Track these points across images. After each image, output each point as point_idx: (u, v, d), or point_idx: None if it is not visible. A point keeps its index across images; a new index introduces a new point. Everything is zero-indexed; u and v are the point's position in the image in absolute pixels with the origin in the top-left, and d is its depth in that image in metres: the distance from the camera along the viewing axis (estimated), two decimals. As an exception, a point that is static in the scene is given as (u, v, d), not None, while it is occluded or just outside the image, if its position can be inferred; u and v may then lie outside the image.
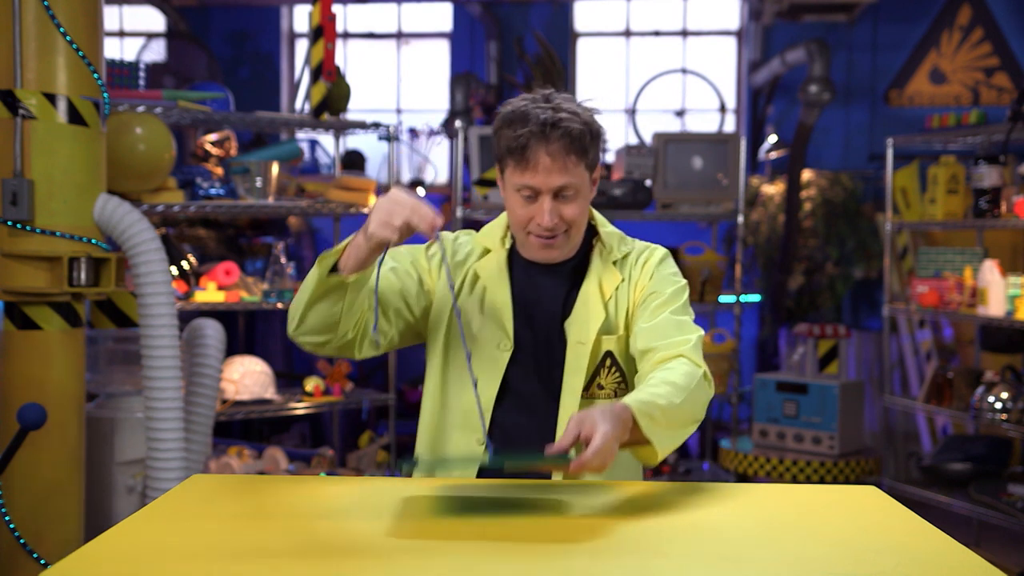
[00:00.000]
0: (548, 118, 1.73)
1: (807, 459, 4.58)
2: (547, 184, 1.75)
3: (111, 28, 7.05)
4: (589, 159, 1.79)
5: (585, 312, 1.86)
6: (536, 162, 1.74)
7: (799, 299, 6.43)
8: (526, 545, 1.34)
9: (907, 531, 1.45)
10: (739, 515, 1.52)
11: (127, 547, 1.33)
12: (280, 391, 4.20)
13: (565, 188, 1.77)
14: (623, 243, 1.94)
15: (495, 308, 1.87)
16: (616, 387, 1.88)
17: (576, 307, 1.87)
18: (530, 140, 1.73)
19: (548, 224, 1.77)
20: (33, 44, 2.74)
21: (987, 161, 4.14)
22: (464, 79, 6.43)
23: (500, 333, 1.86)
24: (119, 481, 3.28)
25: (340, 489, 1.64)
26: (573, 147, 1.75)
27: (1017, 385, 4.12)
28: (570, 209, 1.79)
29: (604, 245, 1.92)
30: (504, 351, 1.86)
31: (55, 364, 2.83)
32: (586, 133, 1.77)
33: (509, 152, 1.76)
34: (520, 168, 1.76)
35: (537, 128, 1.73)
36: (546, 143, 1.73)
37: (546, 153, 1.73)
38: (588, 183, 1.82)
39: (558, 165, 1.74)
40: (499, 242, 1.93)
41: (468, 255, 1.94)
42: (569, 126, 1.74)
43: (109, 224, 2.89)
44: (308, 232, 6.05)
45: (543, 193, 1.76)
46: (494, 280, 1.89)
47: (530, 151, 1.73)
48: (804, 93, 5.98)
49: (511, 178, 1.79)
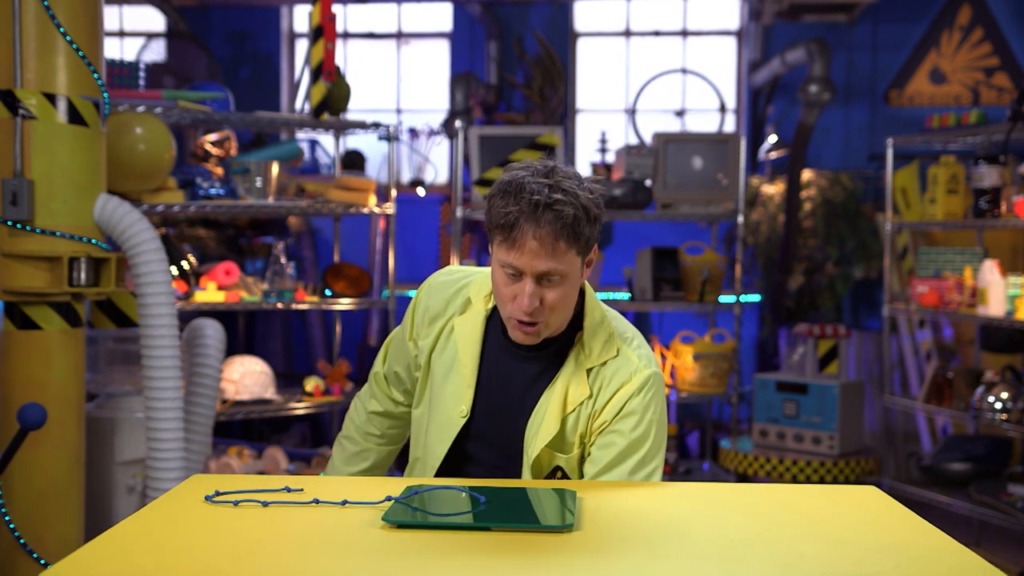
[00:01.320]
0: (542, 199, 1.61)
1: (807, 459, 4.58)
2: (531, 267, 1.65)
3: (111, 28, 7.05)
4: (581, 244, 1.67)
5: (540, 424, 1.78)
6: (523, 243, 1.63)
7: (799, 299, 6.43)
8: (526, 544, 1.34)
9: (907, 531, 1.45)
10: (739, 515, 1.51)
11: (127, 547, 1.33)
12: (280, 391, 4.20)
13: (550, 273, 1.66)
14: (607, 347, 1.79)
15: (459, 374, 1.84)
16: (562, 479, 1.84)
17: (536, 412, 1.79)
18: (519, 219, 1.62)
19: (527, 308, 1.67)
20: (33, 44, 2.74)
21: (987, 161, 4.14)
22: (464, 79, 6.43)
23: (458, 400, 1.83)
24: (119, 481, 3.28)
25: (339, 488, 1.64)
26: (564, 232, 1.63)
27: (1017, 385, 4.12)
28: (553, 295, 1.68)
29: (584, 347, 1.79)
30: (461, 417, 1.83)
31: (55, 364, 2.83)
32: (581, 218, 1.64)
33: (498, 227, 1.66)
34: (506, 245, 1.65)
35: (528, 208, 1.61)
36: (535, 225, 1.62)
37: (533, 237, 1.62)
38: (578, 269, 1.70)
39: (545, 250, 1.63)
40: (483, 299, 1.85)
41: (448, 305, 1.88)
42: (562, 210, 1.62)
43: (109, 224, 2.89)
44: (308, 232, 6.05)
45: (526, 275, 1.66)
46: (466, 342, 1.83)
47: (518, 231, 1.63)
48: (804, 93, 5.98)
49: (497, 251, 1.69)
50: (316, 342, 6.01)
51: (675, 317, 6.26)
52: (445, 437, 1.84)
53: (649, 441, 1.77)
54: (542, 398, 1.79)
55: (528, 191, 1.62)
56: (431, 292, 1.92)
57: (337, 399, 4.15)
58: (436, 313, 1.89)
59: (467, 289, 1.89)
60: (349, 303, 4.17)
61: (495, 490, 1.59)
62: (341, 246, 4.69)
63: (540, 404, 1.79)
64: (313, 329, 6.03)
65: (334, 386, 4.16)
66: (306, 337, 6.13)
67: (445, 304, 1.88)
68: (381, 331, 6.10)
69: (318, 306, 4.10)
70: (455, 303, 1.88)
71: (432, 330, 1.88)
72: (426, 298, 1.92)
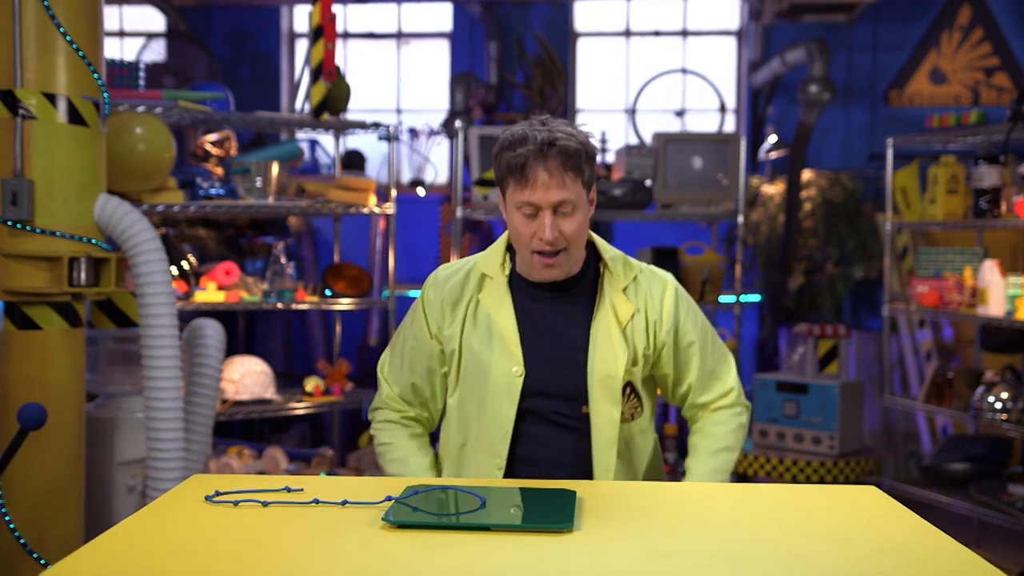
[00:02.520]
0: (545, 138, 1.82)
1: (807, 459, 4.58)
2: (546, 199, 1.83)
3: (111, 28, 7.05)
4: (585, 177, 1.88)
5: (608, 345, 1.93)
6: (535, 179, 1.83)
7: (799, 299, 6.42)
8: (526, 544, 1.34)
9: (907, 531, 1.45)
10: (739, 515, 1.51)
11: (127, 547, 1.33)
12: (280, 391, 4.20)
13: (563, 203, 1.85)
14: (628, 268, 2.01)
15: (501, 334, 1.94)
16: (633, 412, 1.98)
17: (598, 339, 1.94)
18: (529, 159, 1.82)
19: (549, 237, 1.84)
20: (33, 44, 2.74)
21: (987, 161, 4.14)
22: (464, 79, 6.43)
23: (509, 360, 1.93)
24: (119, 481, 3.28)
25: (339, 488, 1.64)
26: (569, 164, 1.84)
27: (1017, 385, 4.12)
28: (569, 225, 1.86)
29: (611, 272, 1.98)
30: (517, 376, 1.92)
31: (55, 364, 2.83)
32: (582, 152, 1.86)
33: (509, 171, 1.85)
34: (520, 186, 1.84)
35: (535, 147, 1.82)
36: (544, 160, 1.82)
37: (544, 170, 1.82)
38: (585, 201, 1.89)
39: (556, 181, 1.83)
40: (499, 268, 1.99)
41: (464, 287, 2.00)
42: (565, 144, 1.83)
43: (109, 224, 2.89)
44: (308, 232, 6.05)
45: (543, 209, 1.84)
46: (497, 306, 1.96)
47: (529, 169, 1.83)
48: (804, 93, 5.98)
49: (512, 197, 1.87)
50: (316, 342, 6.01)
51: (675, 317, 6.23)
52: (509, 402, 1.93)
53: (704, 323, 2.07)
54: (593, 325, 1.95)
55: (532, 136, 1.84)
56: (438, 286, 2.02)
57: (337, 399, 4.15)
58: (455, 299, 1.99)
59: (475, 270, 2.01)
60: (349, 303, 4.17)
61: (495, 490, 1.59)
62: (341, 246, 4.69)
63: (594, 331, 1.94)
64: (313, 329, 6.03)
65: (334, 386, 4.16)
66: (306, 337, 6.13)
67: (460, 289, 1.99)
68: (381, 331, 6.10)
69: (318, 306, 4.10)
70: (470, 284, 2.00)
71: (456, 316, 1.98)
72: (435, 293, 2.01)
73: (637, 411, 2.00)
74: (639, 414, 2.00)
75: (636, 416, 2.00)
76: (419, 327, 2.03)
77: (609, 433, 1.94)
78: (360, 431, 5.04)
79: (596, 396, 1.93)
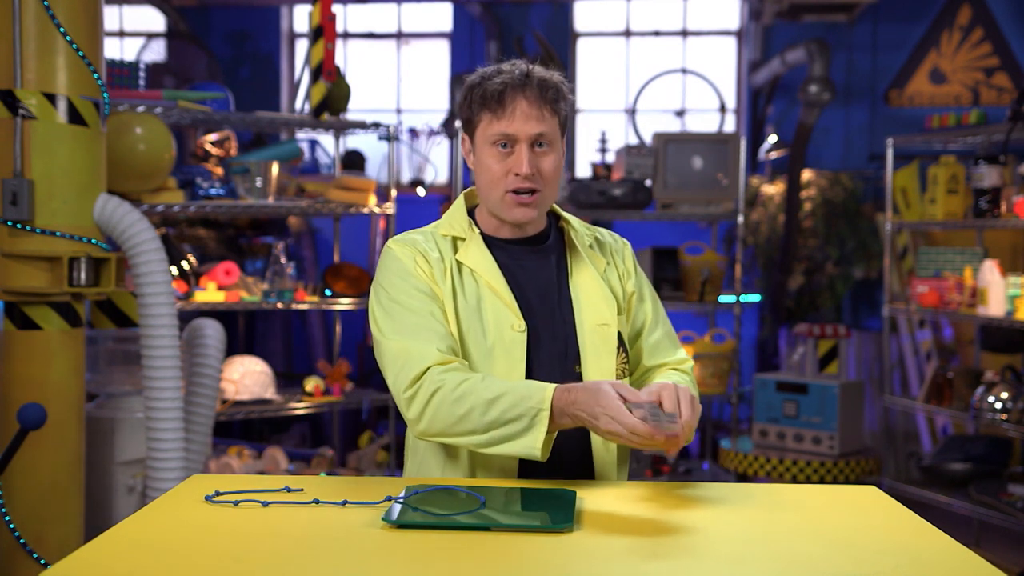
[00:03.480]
0: (523, 70, 1.77)
1: (807, 459, 4.58)
2: (525, 131, 1.76)
3: (111, 28, 7.05)
4: (561, 117, 1.81)
5: (596, 293, 1.85)
6: (514, 108, 1.75)
7: (799, 299, 6.43)
8: (526, 544, 1.34)
9: (907, 531, 1.45)
10: (739, 515, 1.51)
11: (127, 547, 1.33)
12: (280, 391, 4.20)
13: (542, 137, 1.77)
14: (587, 228, 1.97)
15: (493, 291, 1.79)
16: (623, 368, 1.86)
17: (582, 289, 1.85)
18: (507, 88, 1.75)
19: (527, 170, 1.75)
20: (33, 44, 2.74)
21: (987, 161, 4.14)
22: (464, 79, 6.43)
23: (509, 314, 1.78)
24: (119, 481, 3.28)
25: (339, 488, 1.63)
26: (549, 96, 1.77)
27: (1017, 385, 4.12)
28: (546, 162, 1.78)
29: (575, 229, 1.91)
30: (519, 332, 1.77)
31: (55, 364, 2.83)
32: (562, 89, 1.80)
33: (484, 102, 1.77)
34: (497, 117, 1.76)
35: (514, 77, 1.76)
36: (523, 90, 1.76)
37: (523, 97, 1.76)
38: (560, 143, 1.82)
39: (535, 112, 1.76)
40: (468, 228, 1.85)
41: (439, 251, 1.82)
42: (547, 78, 1.78)
43: (109, 224, 2.89)
44: (308, 232, 6.05)
45: (520, 141, 1.76)
46: (481, 264, 1.81)
47: (507, 97, 1.75)
48: (804, 93, 5.98)
49: (487, 130, 1.78)
50: (316, 342, 6.01)
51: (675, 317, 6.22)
52: (515, 360, 1.76)
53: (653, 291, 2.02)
54: (574, 278, 1.87)
55: (509, 69, 1.78)
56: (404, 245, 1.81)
57: (337, 399, 4.15)
58: (431, 259, 1.80)
59: (437, 235, 1.84)
60: (349, 303, 4.17)
61: (495, 490, 1.59)
62: (341, 246, 4.69)
63: (575, 283, 1.87)
64: (313, 329, 6.03)
65: (334, 386, 4.16)
66: (306, 337, 6.13)
67: (437, 252, 1.81)
68: (381, 331, 6.09)
69: (318, 306, 4.10)
70: (443, 247, 1.82)
71: (441, 274, 1.79)
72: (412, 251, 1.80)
73: (625, 368, 1.87)
74: (626, 372, 1.88)
75: (626, 373, 1.87)
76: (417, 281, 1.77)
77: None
78: (360, 431, 5.04)
79: (589, 349, 1.81)
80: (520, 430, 1.62)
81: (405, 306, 1.75)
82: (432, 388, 1.66)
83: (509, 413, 1.62)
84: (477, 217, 1.89)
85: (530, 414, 1.61)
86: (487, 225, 1.87)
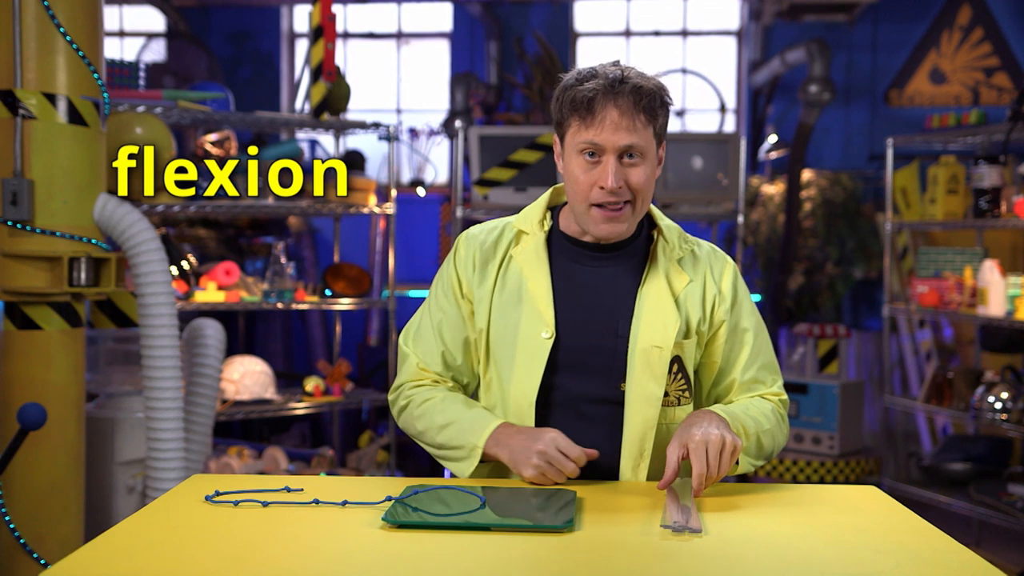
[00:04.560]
0: (618, 75, 1.66)
1: (807, 459, 4.58)
2: (613, 142, 1.65)
3: (111, 28, 7.05)
4: (658, 125, 1.70)
5: (659, 313, 1.73)
6: (603, 117, 1.65)
7: (799, 299, 6.42)
8: (526, 544, 1.34)
9: (907, 531, 1.45)
10: (739, 515, 1.51)
11: (127, 547, 1.33)
12: (280, 391, 4.20)
13: (632, 148, 1.66)
14: (684, 240, 1.81)
15: (532, 294, 1.74)
16: (680, 395, 1.76)
17: (645, 305, 1.73)
18: (598, 95, 1.65)
19: (612, 185, 1.65)
20: (33, 44, 2.74)
21: (987, 161, 4.14)
22: (464, 79, 6.43)
23: (539, 322, 1.72)
24: (119, 481, 3.28)
25: (339, 488, 1.64)
26: (642, 105, 1.66)
27: (1017, 385, 4.12)
28: (636, 174, 1.67)
29: (666, 240, 1.78)
30: (546, 339, 1.71)
31: (55, 364, 2.83)
32: (657, 95, 1.68)
33: (574, 108, 1.67)
34: (585, 124, 1.66)
35: (606, 83, 1.65)
36: (615, 98, 1.65)
37: (614, 106, 1.65)
38: (655, 153, 1.71)
39: (626, 122, 1.65)
40: (537, 224, 1.80)
41: (498, 244, 1.80)
42: (641, 85, 1.67)
43: (109, 224, 2.89)
44: (308, 232, 6.05)
45: (608, 152, 1.66)
46: (531, 263, 1.76)
47: (597, 105, 1.65)
48: (804, 93, 5.98)
49: (574, 137, 1.68)
50: (316, 342, 6.01)
51: (675, 317, 6.24)
52: (533, 370, 1.72)
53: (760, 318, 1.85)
54: (641, 290, 1.75)
55: (604, 73, 1.67)
56: (470, 242, 1.82)
57: (337, 399, 4.15)
58: (487, 258, 1.79)
59: (511, 227, 1.82)
60: (349, 303, 4.17)
61: (495, 490, 1.59)
62: (341, 246, 4.69)
63: (642, 296, 1.74)
64: (313, 329, 6.03)
65: (334, 386, 4.16)
66: (306, 337, 6.13)
67: (494, 247, 1.80)
68: (381, 331, 6.10)
69: (318, 306, 4.10)
70: (504, 241, 1.80)
71: (487, 275, 1.78)
72: (467, 249, 1.82)
73: (684, 396, 1.76)
74: (685, 400, 1.76)
75: (682, 401, 1.76)
76: (449, 286, 1.81)
77: (647, 414, 1.70)
78: (360, 431, 5.04)
79: (636, 370, 1.70)
80: (460, 457, 1.74)
81: (430, 304, 1.86)
82: (403, 403, 1.84)
83: (453, 441, 1.74)
84: (561, 214, 1.82)
85: (468, 446, 1.72)
86: (569, 224, 1.79)
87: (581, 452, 1.63)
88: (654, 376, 1.71)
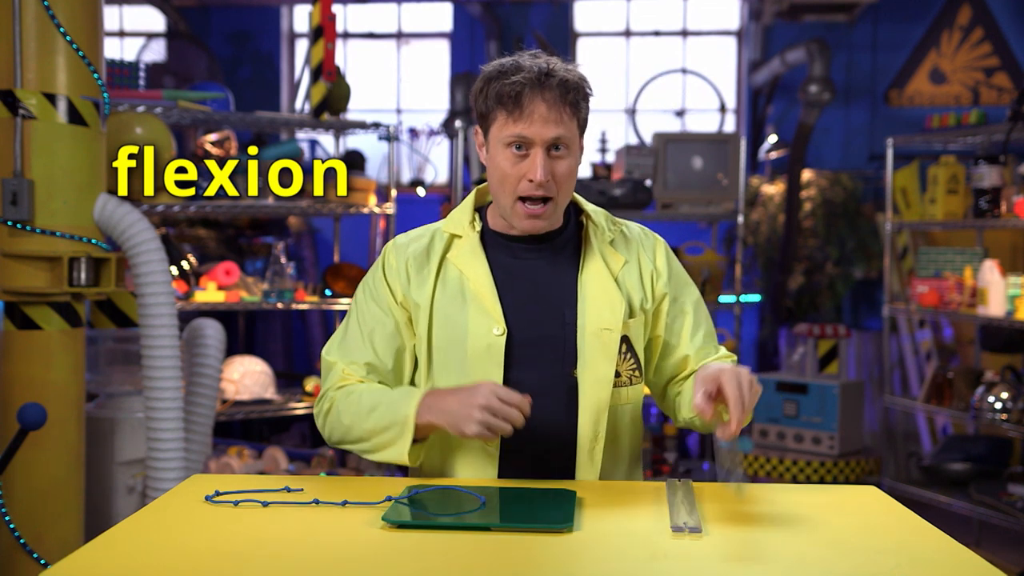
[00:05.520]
0: (543, 67, 1.66)
1: (807, 459, 4.58)
2: (541, 135, 1.66)
3: (111, 28, 7.05)
4: (581, 117, 1.71)
5: (603, 295, 1.75)
6: (532, 110, 1.65)
7: (799, 299, 6.43)
8: (526, 544, 1.34)
9: (907, 531, 1.45)
10: (739, 515, 1.51)
11: (127, 547, 1.33)
12: (280, 391, 4.20)
13: (559, 140, 1.67)
14: (612, 222, 1.84)
15: (476, 293, 1.74)
16: (631, 375, 1.78)
17: (588, 290, 1.75)
18: (525, 88, 1.64)
19: (541, 177, 1.65)
20: (33, 44, 2.74)
21: (987, 161, 4.14)
22: (464, 79, 6.43)
23: (490, 318, 1.72)
24: (119, 481, 3.28)
25: (339, 488, 1.64)
26: (568, 98, 1.67)
27: (1017, 385, 4.12)
28: (562, 167, 1.68)
29: (596, 224, 1.81)
30: (499, 336, 1.71)
31: (55, 364, 2.83)
32: (581, 87, 1.70)
33: (500, 101, 1.66)
34: (513, 118, 1.66)
35: (533, 76, 1.65)
36: (542, 91, 1.65)
37: (542, 100, 1.65)
38: (578, 145, 1.73)
39: (554, 115, 1.65)
40: (468, 226, 1.79)
41: (430, 250, 1.79)
42: (565, 76, 1.67)
43: (109, 224, 2.89)
44: (308, 232, 6.05)
45: (536, 145, 1.66)
46: (470, 263, 1.75)
47: (525, 98, 1.64)
48: (804, 93, 5.99)
49: (501, 131, 1.68)
50: (316, 342, 6.01)
51: (675, 317, 6.24)
52: (494, 368, 1.71)
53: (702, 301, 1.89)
54: (582, 276, 1.77)
55: (529, 65, 1.67)
56: (400, 251, 1.80)
57: (337, 399, 4.14)
58: (420, 263, 1.78)
59: (440, 232, 1.81)
60: (349, 303, 4.16)
61: (495, 490, 1.59)
62: (341, 246, 4.69)
63: (583, 282, 1.76)
64: (313, 329, 6.03)
65: (334, 386, 4.15)
66: (306, 337, 6.13)
67: (426, 252, 1.79)
68: (381, 331, 6.09)
69: (318, 306, 4.10)
70: (437, 246, 1.79)
71: (424, 279, 1.77)
72: (398, 258, 1.79)
73: (635, 376, 1.78)
74: (636, 379, 1.79)
75: (634, 381, 1.78)
76: (381, 295, 1.78)
77: (601, 396, 1.72)
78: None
79: (588, 354, 1.72)
80: (393, 438, 1.66)
81: (357, 314, 1.81)
82: (327, 406, 1.76)
83: (382, 421, 1.67)
84: (488, 213, 1.82)
85: (399, 421, 1.65)
86: (497, 222, 1.80)
87: (521, 398, 1.59)
88: (607, 357, 1.74)
